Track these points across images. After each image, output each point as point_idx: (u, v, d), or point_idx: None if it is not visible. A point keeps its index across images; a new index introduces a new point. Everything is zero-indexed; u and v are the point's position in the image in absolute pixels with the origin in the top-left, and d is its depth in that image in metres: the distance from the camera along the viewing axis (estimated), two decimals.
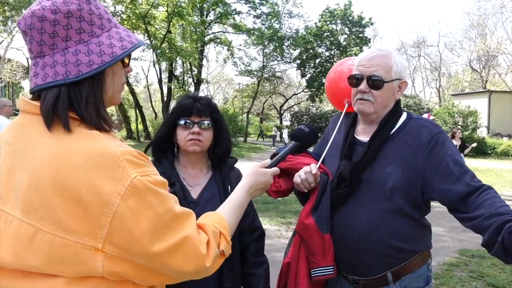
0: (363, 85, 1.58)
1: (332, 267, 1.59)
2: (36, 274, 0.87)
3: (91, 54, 0.94)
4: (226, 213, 1.17)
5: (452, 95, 35.33)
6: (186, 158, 1.77)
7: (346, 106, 1.79)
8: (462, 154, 9.80)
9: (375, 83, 1.56)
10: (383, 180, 1.55)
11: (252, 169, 1.35)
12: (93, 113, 0.95)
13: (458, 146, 9.41)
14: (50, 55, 0.92)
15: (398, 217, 1.54)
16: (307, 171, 1.59)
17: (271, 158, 1.52)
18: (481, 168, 15.30)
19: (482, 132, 24.69)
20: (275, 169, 1.40)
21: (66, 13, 0.92)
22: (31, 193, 0.85)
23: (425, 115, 11.02)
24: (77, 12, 0.93)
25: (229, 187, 1.75)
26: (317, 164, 1.64)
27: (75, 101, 0.93)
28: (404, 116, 1.66)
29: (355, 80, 1.62)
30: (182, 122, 1.71)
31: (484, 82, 39.47)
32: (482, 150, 21.68)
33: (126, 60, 1.04)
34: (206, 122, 1.73)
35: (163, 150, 1.79)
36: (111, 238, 0.86)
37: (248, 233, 1.79)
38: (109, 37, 0.97)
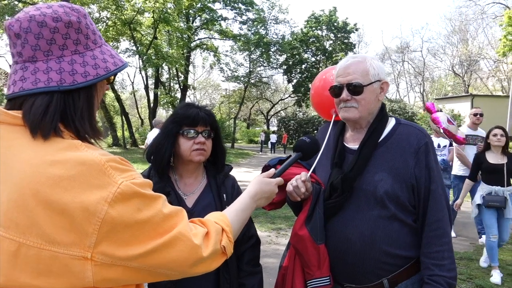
0: (344, 94, 1.61)
1: (328, 277, 1.59)
2: None
3: (87, 65, 0.95)
4: (229, 214, 1.18)
5: (436, 99, 35.84)
6: (186, 167, 1.74)
7: (334, 116, 1.80)
8: None
9: (355, 89, 1.59)
10: (373, 187, 1.55)
11: (257, 178, 1.38)
12: (87, 124, 0.96)
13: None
14: (43, 61, 0.91)
15: (392, 223, 1.55)
16: (298, 179, 1.60)
17: (263, 170, 1.54)
18: None
19: None
20: (279, 179, 1.43)
21: (67, 23, 0.93)
22: (10, 207, 0.82)
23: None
24: (76, 24, 0.94)
25: (224, 195, 1.74)
26: (307, 172, 1.63)
27: (68, 110, 0.92)
28: (392, 122, 1.68)
29: (336, 90, 1.64)
30: (189, 131, 1.68)
31: (467, 86, 40.31)
32: None
33: (112, 77, 1.05)
34: (209, 131, 1.73)
35: (161, 160, 1.71)
36: (100, 245, 0.84)
37: (243, 242, 1.77)
38: (101, 53, 0.99)
